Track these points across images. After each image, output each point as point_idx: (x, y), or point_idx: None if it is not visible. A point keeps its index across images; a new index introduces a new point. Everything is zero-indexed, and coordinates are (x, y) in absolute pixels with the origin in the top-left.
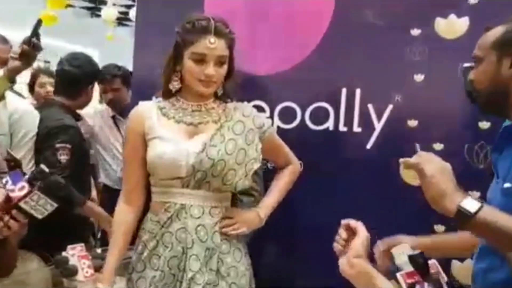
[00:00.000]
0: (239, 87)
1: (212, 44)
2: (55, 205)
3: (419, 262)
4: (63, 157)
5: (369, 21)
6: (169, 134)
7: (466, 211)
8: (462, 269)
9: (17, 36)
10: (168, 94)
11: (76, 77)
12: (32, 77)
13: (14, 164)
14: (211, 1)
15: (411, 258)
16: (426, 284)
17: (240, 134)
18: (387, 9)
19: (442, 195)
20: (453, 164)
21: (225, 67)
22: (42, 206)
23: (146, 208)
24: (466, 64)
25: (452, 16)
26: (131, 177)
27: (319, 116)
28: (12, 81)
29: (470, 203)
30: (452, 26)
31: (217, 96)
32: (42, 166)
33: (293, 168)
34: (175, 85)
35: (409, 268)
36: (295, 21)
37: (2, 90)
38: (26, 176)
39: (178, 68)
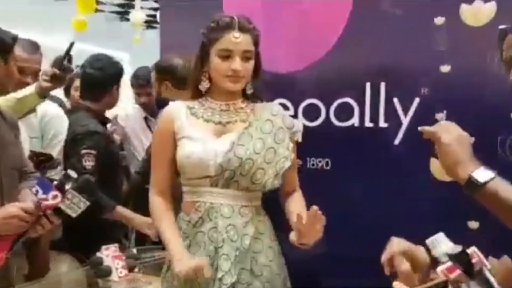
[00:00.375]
0: (263, 86)
1: (237, 39)
2: (88, 203)
3: (462, 260)
4: (88, 163)
5: (390, 12)
6: (198, 133)
7: (475, 181)
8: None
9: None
10: (196, 95)
11: (98, 79)
12: (68, 81)
13: (42, 159)
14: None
15: (452, 257)
16: (472, 283)
17: (269, 133)
18: None
19: (457, 163)
20: (485, 158)
21: (252, 62)
22: (76, 205)
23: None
24: (502, 26)
25: (478, 2)
26: (163, 177)
27: (344, 112)
28: (44, 96)
29: (482, 173)
30: (478, 12)
31: (245, 96)
32: (69, 171)
33: (302, 197)
34: (204, 85)
35: (447, 260)
36: (315, 16)
37: (33, 106)
38: (55, 183)
39: (206, 68)
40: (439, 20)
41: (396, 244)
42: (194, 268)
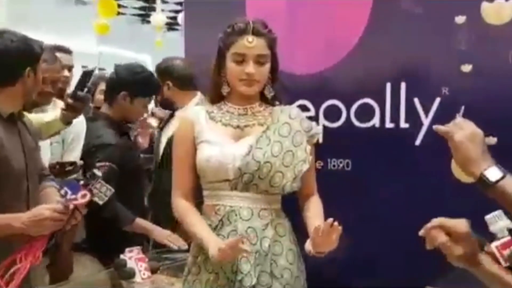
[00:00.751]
0: (283, 87)
1: (250, 43)
2: (113, 190)
3: None
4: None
5: (410, 11)
6: (216, 137)
7: (487, 180)
8: None
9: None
10: (215, 99)
11: (110, 82)
12: (93, 85)
13: (65, 169)
14: (253, 2)
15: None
16: None
17: (287, 136)
18: None
19: (469, 160)
20: (509, 159)
21: (267, 66)
22: (103, 193)
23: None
24: None
25: (499, 0)
26: (185, 181)
27: (365, 113)
28: (68, 123)
29: (493, 172)
30: (499, 10)
31: (263, 100)
32: (95, 170)
33: (319, 201)
34: (225, 89)
35: (505, 235)
36: (335, 17)
37: (57, 130)
38: (81, 182)
39: (223, 73)
40: (460, 19)
41: (434, 220)
42: (230, 244)
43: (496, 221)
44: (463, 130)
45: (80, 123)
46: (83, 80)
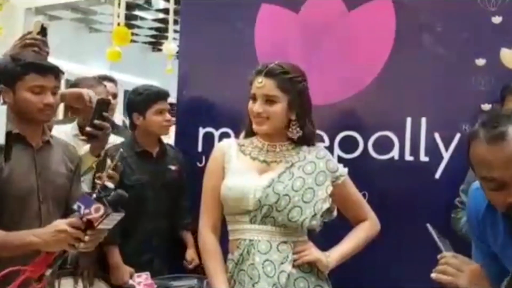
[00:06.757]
0: None
1: (260, 84)
2: (123, 214)
3: None
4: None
5: (432, 49)
6: (242, 169)
7: None
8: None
9: None
10: (248, 134)
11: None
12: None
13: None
14: (263, 28)
15: None
16: None
17: (311, 174)
18: (450, 39)
19: None
20: None
21: (279, 106)
22: (113, 219)
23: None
24: None
25: None
26: (215, 209)
27: (383, 145)
28: (97, 155)
29: None
30: None
31: (293, 139)
32: (107, 183)
33: (370, 225)
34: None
35: None
36: (356, 48)
37: (90, 164)
38: (94, 196)
39: None
40: (480, 62)
41: None
42: None
43: None
44: (462, 273)
45: None
46: (96, 111)
